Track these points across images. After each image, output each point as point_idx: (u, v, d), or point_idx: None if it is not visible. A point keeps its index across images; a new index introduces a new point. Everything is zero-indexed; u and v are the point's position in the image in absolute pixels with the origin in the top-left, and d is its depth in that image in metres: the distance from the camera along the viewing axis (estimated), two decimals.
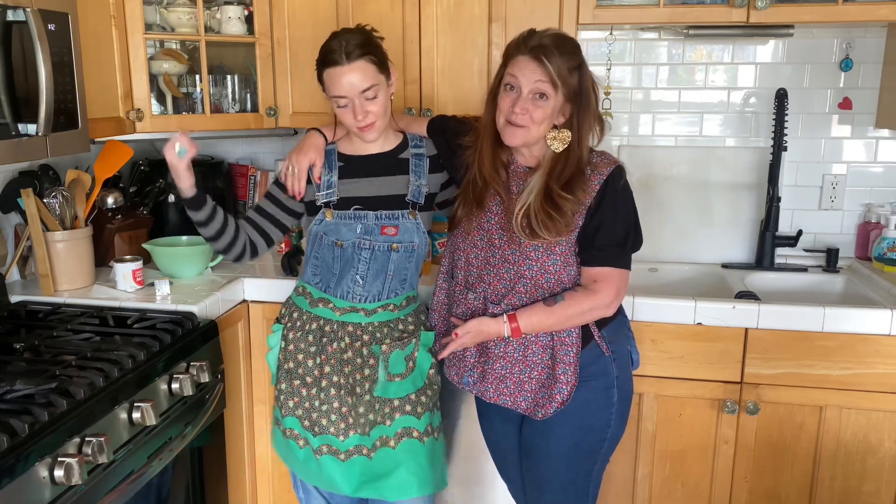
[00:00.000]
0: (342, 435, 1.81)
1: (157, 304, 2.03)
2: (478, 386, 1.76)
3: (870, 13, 2.08)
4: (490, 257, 1.71)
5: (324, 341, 1.83)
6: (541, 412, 1.69)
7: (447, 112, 2.26)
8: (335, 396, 1.81)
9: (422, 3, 2.24)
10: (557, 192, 1.60)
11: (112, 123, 2.10)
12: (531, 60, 1.57)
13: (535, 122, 1.60)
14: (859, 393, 2.00)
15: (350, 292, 1.81)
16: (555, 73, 1.55)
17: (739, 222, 2.54)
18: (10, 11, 1.57)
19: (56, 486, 1.35)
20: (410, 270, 1.84)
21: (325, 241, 1.78)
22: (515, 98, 1.60)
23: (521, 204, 1.63)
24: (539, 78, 1.56)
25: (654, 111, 2.58)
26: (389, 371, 1.81)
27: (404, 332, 1.85)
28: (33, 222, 2.07)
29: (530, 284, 1.67)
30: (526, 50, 1.58)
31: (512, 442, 1.87)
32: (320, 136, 1.84)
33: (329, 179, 1.79)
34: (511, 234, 1.65)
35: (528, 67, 1.58)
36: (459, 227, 1.77)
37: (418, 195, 1.80)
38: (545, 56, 1.55)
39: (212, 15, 2.35)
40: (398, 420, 1.83)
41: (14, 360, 1.65)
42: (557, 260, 1.66)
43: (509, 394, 1.72)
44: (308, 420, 1.83)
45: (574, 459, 1.75)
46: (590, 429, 1.72)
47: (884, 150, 2.48)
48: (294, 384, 1.84)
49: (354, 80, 1.67)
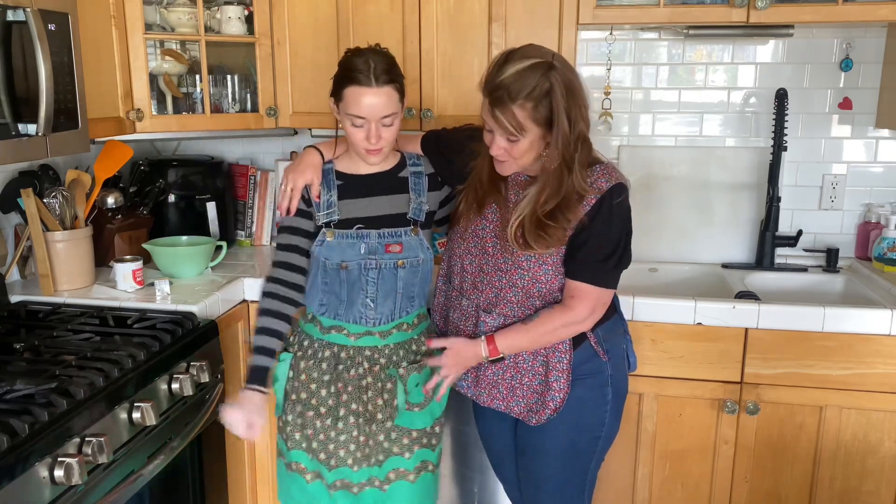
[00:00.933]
0: (357, 466, 1.78)
1: (157, 304, 2.03)
2: (472, 390, 1.78)
3: (870, 13, 2.08)
4: (484, 265, 1.71)
5: (339, 368, 1.77)
6: (535, 418, 1.71)
7: (447, 113, 2.28)
8: (354, 426, 1.77)
9: (422, 3, 2.24)
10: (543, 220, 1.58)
11: (112, 123, 2.10)
12: (492, 108, 1.52)
13: (515, 158, 1.58)
14: (859, 393, 2.00)
15: (363, 316, 1.76)
16: (511, 124, 1.50)
17: (739, 222, 2.54)
18: (10, 11, 1.57)
19: (56, 486, 1.35)
20: (417, 286, 1.80)
21: (328, 265, 1.73)
22: (492, 138, 1.58)
23: (517, 215, 1.62)
24: (503, 126, 1.52)
25: (654, 111, 2.58)
26: (409, 400, 1.78)
27: (418, 354, 1.83)
28: (33, 222, 2.07)
29: (521, 294, 1.68)
30: (486, 94, 1.54)
31: (507, 441, 1.87)
32: (317, 155, 1.79)
33: (329, 199, 1.75)
34: (504, 242, 1.65)
35: (489, 117, 1.54)
36: (457, 228, 1.77)
37: (419, 213, 1.77)
38: (500, 107, 1.50)
39: (212, 15, 2.35)
40: (417, 453, 1.81)
41: (14, 360, 1.65)
42: (549, 270, 1.66)
43: (502, 398, 1.74)
44: (325, 453, 1.78)
45: (570, 457, 1.76)
46: (585, 427, 1.73)
47: (884, 150, 2.48)
48: (307, 416, 1.78)
49: (378, 106, 1.63)
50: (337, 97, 1.69)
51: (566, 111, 1.50)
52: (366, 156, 1.72)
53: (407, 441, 1.80)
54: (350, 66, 1.64)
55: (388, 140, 1.69)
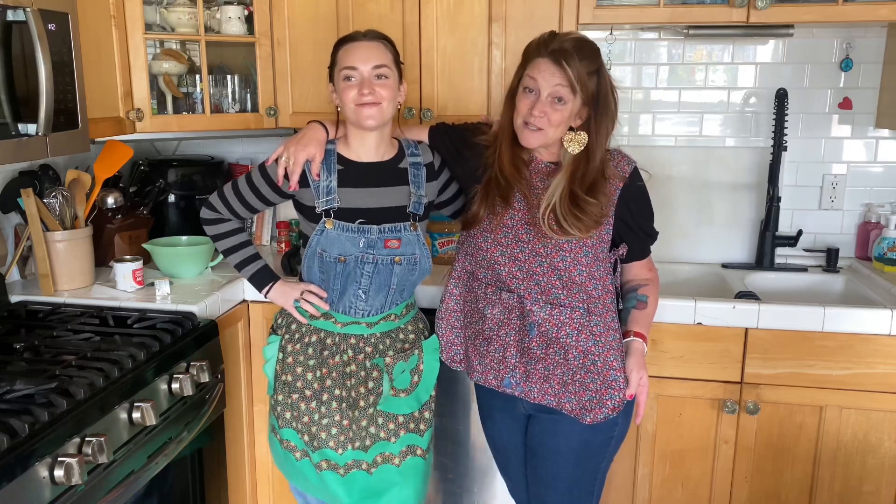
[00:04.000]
0: (340, 448, 1.78)
1: (157, 304, 2.03)
2: (521, 386, 1.72)
3: (870, 13, 2.08)
4: (518, 253, 1.68)
5: (325, 354, 1.79)
6: (589, 416, 1.67)
7: (446, 113, 2.28)
8: (336, 410, 1.78)
9: (422, 3, 2.24)
10: (583, 196, 1.61)
11: (112, 123, 2.10)
12: (551, 64, 1.57)
13: (552, 125, 1.60)
14: (859, 393, 2.00)
15: (353, 307, 1.78)
16: (574, 78, 1.56)
17: (739, 222, 2.54)
18: (10, 11, 1.57)
19: (56, 486, 1.35)
20: (412, 282, 1.81)
21: (325, 257, 1.73)
22: (534, 101, 1.60)
23: (546, 203, 1.63)
24: (558, 82, 1.57)
25: (654, 111, 2.58)
26: (394, 386, 1.79)
27: (405, 343, 1.83)
28: (33, 222, 2.07)
29: (565, 276, 1.66)
30: (546, 53, 1.58)
31: (517, 441, 1.86)
32: (322, 130, 1.77)
33: (329, 185, 1.73)
34: (538, 228, 1.65)
35: (547, 70, 1.58)
36: (480, 227, 1.73)
37: (419, 206, 1.77)
38: (565, 60, 1.55)
39: (212, 15, 2.35)
40: (403, 438, 1.81)
41: (14, 360, 1.65)
42: (589, 252, 1.66)
43: (554, 394, 1.70)
44: (308, 434, 1.80)
45: (582, 458, 1.75)
46: (598, 427, 1.71)
47: (884, 150, 2.48)
48: (293, 398, 1.81)
49: (369, 55, 1.67)
50: (331, 74, 1.73)
51: (612, 92, 1.63)
52: (360, 115, 1.67)
53: (393, 426, 1.81)
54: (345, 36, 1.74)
55: (383, 97, 1.67)
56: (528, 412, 1.79)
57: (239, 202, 1.81)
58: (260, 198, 1.80)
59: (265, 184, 1.77)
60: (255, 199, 1.80)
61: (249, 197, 1.80)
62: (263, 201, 1.80)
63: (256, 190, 1.78)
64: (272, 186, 1.76)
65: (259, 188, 1.78)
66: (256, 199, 1.80)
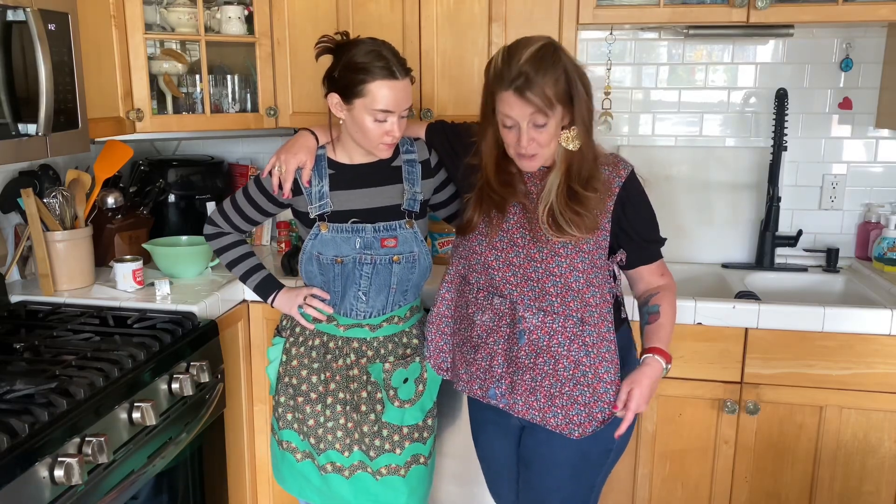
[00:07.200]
0: (347, 451, 1.79)
1: (157, 304, 2.03)
2: (506, 398, 1.65)
3: (870, 13, 2.09)
4: (513, 258, 1.64)
5: (328, 358, 1.80)
6: (577, 430, 1.61)
7: (447, 113, 2.28)
8: (341, 413, 1.79)
9: (422, 3, 2.24)
10: (581, 192, 1.58)
11: (112, 123, 2.10)
12: (517, 98, 1.51)
13: (543, 147, 1.56)
14: (859, 393, 2.00)
15: (353, 309, 1.78)
16: (544, 103, 1.50)
17: (739, 222, 2.54)
18: (10, 11, 1.57)
19: (56, 486, 1.35)
20: (412, 281, 1.80)
21: (322, 259, 1.73)
22: (517, 134, 1.55)
23: (543, 204, 1.60)
24: (532, 111, 1.51)
25: (654, 111, 2.58)
26: (399, 397, 1.79)
27: (407, 348, 1.83)
28: (33, 222, 2.07)
29: (560, 283, 1.60)
30: (509, 86, 1.52)
31: (509, 457, 1.81)
32: (312, 138, 1.78)
33: (321, 190, 1.73)
34: (535, 232, 1.61)
35: (517, 105, 1.52)
36: (475, 232, 1.69)
37: (413, 204, 1.76)
38: (529, 91, 1.49)
39: (212, 15, 2.35)
40: (408, 449, 1.82)
41: (14, 360, 1.65)
42: (586, 258, 1.61)
43: (539, 409, 1.63)
44: (314, 437, 1.80)
45: (579, 470, 1.70)
46: (597, 439, 1.64)
47: (884, 150, 2.48)
48: (297, 401, 1.81)
49: (404, 97, 1.63)
50: (350, 94, 1.63)
51: (580, 80, 1.55)
52: (377, 150, 1.69)
53: (398, 437, 1.81)
54: (365, 60, 1.61)
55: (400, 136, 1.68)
56: (522, 423, 1.73)
57: (238, 216, 1.84)
58: (258, 210, 1.82)
59: (262, 195, 1.79)
60: (254, 212, 1.82)
61: (248, 210, 1.83)
62: (262, 213, 1.83)
63: (254, 202, 1.81)
64: (269, 198, 1.78)
65: (256, 200, 1.80)
66: (255, 211, 1.82)
